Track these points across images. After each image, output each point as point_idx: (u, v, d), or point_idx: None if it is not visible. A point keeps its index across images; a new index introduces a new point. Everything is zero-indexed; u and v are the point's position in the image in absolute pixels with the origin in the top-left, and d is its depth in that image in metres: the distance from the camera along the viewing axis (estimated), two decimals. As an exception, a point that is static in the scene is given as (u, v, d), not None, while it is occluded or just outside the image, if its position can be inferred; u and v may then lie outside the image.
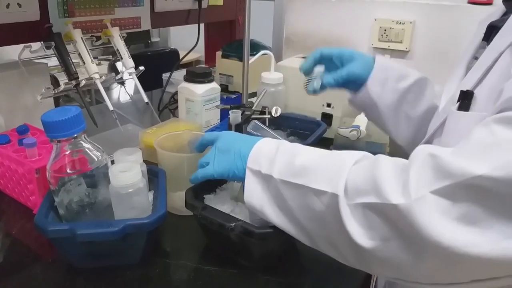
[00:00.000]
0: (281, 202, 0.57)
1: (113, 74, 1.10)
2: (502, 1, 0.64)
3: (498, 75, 0.53)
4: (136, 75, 1.08)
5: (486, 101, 0.53)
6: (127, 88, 1.71)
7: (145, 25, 1.28)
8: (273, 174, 0.57)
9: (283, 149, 0.59)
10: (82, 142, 0.63)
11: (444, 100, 0.64)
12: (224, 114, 1.14)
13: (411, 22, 1.37)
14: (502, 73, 0.52)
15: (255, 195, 0.60)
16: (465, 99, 0.55)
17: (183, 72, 1.16)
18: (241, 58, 1.10)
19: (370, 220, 0.48)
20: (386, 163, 0.49)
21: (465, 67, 0.65)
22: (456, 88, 0.62)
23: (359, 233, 0.48)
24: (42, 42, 0.96)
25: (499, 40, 0.57)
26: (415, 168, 0.45)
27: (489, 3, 1.25)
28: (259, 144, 0.62)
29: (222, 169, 0.63)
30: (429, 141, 0.64)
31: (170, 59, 2.63)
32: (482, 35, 0.65)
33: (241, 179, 0.62)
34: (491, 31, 0.62)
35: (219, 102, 1.15)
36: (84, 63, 0.98)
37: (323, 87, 0.80)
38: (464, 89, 0.56)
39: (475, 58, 0.64)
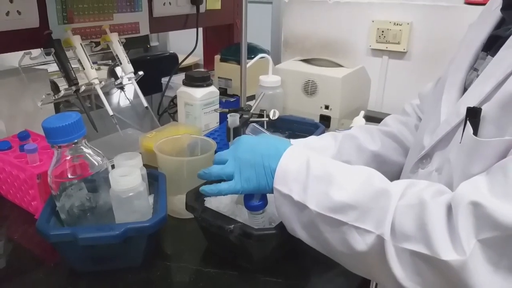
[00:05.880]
0: (316, 231, 0.56)
1: (113, 79, 1.11)
2: (501, 10, 0.59)
3: (510, 93, 0.48)
4: (135, 79, 1.09)
5: (499, 118, 0.49)
6: (126, 93, 1.72)
7: (144, 30, 1.29)
8: (308, 205, 0.55)
9: (314, 171, 0.57)
10: (83, 147, 0.64)
11: (445, 113, 0.60)
12: (223, 118, 1.15)
13: (408, 23, 1.38)
14: None
15: (285, 216, 0.59)
16: (474, 117, 0.51)
17: (182, 76, 1.17)
18: (239, 62, 1.11)
19: (418, 267, 0.48)
20: (433, 208, 0.47)
21: (464, 77, 0.61)
22: (455, 99, 0.60)
23: (405, 276, 0.48)
24: (42, 49, 0.97)
25: (507, 53, 0.53)
26: (461, 219, 0.44)
27: (486, 3, 1.25)
28: (285, 159, 0.59)
29: (252, 187, 0.61)
30: (429, 154, 0.61)
31: (169, 63, 2.64)
32: (479, 43, 0.61)
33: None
34: (492, 40, 0.59)
35: (218, 106, 1.16)
36: (83, 68, 0.99)
37: None
38: (470, 105, 0.52)
39: (475, 69, 0.60)
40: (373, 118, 1.17)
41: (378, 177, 0.55)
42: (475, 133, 0.51)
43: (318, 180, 0.56)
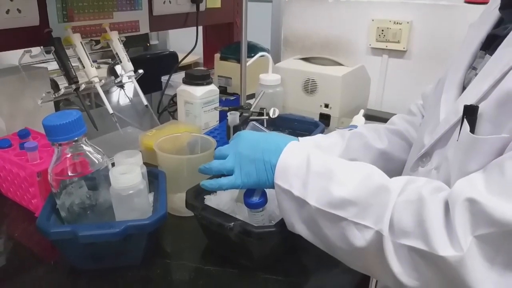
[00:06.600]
0: (315, 227, 0.57)
1: (113, 77, 1.10)
2: (499, 9, 0.60)
3: (507, 91, 0.48)
4: (135, 78, 1.09)
5: (495, 116, 0.50)
6: (126, 91, 1.72)
7: (144, 28, 1.29)
8: (308, 200, 0.56)
9: (315, 167, 0.57)
10: (83, 145, 0.64)
11: (444, 111, 0.60)
12: (223, 116, 1.15)
13: (408, 22, 1.38)
14: None
15: (285, 212, 0.60)
16: (471, 115, 0.52)
17: (182, 74, 1.17)
18: (239, 60, 1.11)
19: (416, 263, 0.48)
20: (431, 205, 0.48)
21: (463, 76, 0.61)
22: (454, 98, 0.60)
23: (403, 272, 0.49)
24: (42, 47, 0.97)
25: (504, 51, 0.53)
26: (458, 216, 0.45)
27: (486, 3, 1.25)
28: (285, 155, 0.60)
29: (252, 182, 0.62)
30: (429, 152, 0.62)
31: (169, 62, 2.64)
32: (478, 42, 0.61)
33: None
34: (491, 39, 0.59)
35: (217, 104, 1.16)
36: (83, 67, 0.99)
37: None
38: (468, 103, 0.52)
39: (473, 68, 0.61)
40: (372, 117, 1.17)
41: (378, 174, 0.55)
42: (472, 130, 0.52)
43: (318, 176, 0.56)
